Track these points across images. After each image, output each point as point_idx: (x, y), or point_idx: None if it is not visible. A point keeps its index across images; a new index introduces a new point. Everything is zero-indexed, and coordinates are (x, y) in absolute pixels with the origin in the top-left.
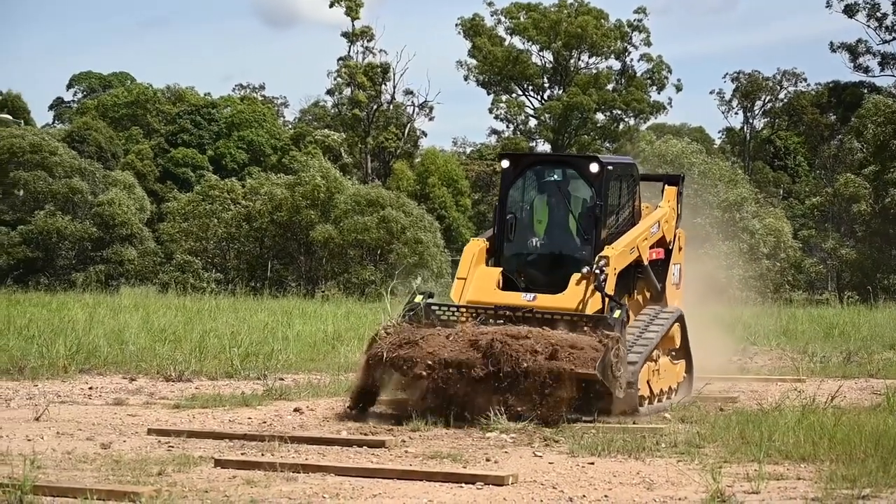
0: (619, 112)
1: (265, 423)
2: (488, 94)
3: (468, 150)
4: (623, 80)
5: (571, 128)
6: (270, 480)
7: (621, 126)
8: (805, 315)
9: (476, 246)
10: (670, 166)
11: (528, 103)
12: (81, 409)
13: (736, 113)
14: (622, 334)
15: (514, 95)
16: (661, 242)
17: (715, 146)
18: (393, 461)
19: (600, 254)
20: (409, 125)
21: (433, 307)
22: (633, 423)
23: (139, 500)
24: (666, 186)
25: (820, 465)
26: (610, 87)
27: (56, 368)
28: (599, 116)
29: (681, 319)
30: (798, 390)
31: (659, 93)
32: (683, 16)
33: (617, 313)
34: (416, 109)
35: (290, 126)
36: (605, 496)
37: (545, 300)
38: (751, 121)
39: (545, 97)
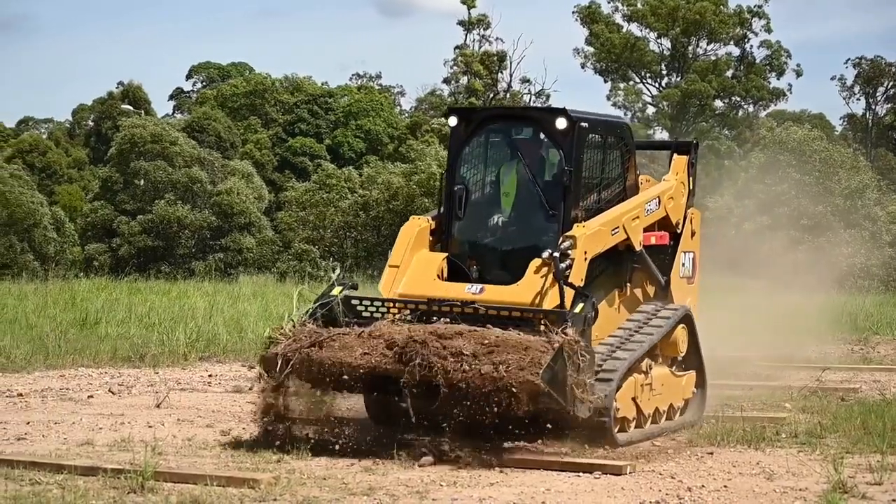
0: (738, 99)
1: None
2: (605, 81)
3: None
4: (742, 67)
5: (690, 115)
6: (388, 468)
7: (740, 113)
8: None
9: (415, 226)
10: (791, 154)
11: (645, 91)
12: (201, 397)
13: (858, 99)
14: (584, 334)
15: (631, 83)
16: (665, 224)
17: (836, 133)
18: (510, 449)
19: (566, 233)
20: None
21: (353, 302)
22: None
23: (258, 487)
24: (675, 155)
25: None
26: (729, 73)
27: (176, 356)
28: (718, 103)
29: (687, 320)
30: None
31: (778, 79)
32: (803, 0)
33: (579, 307)
34: (533, 98)
35: (406, 115)
36: (725, 486)
37: (494, 293)
38: (873, 107)
39: (663, 84)
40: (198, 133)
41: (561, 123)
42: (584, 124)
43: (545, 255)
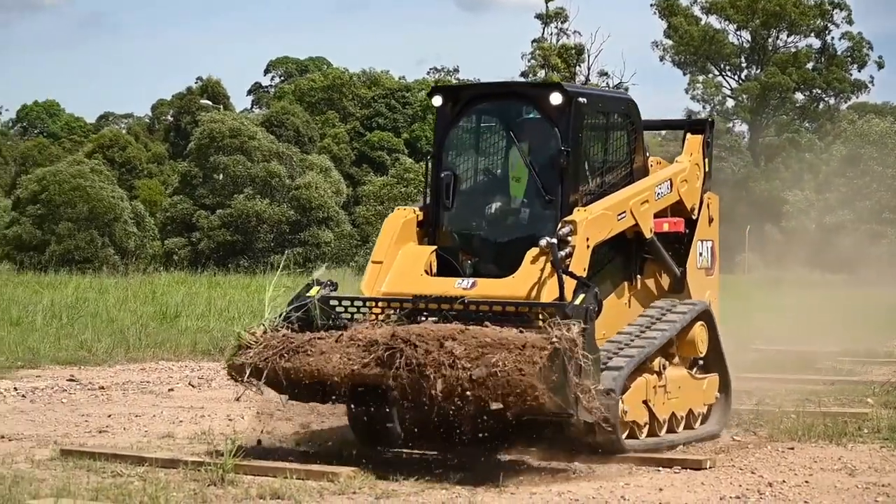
0: (819, 91)
1: None
2: (684, 74)
3: (664, 132)
4: (823, 59)
5: (769, 108)
6: (464, 463)
7: (821, 106)
8: None
9: (399, 218)
10: (873, 147)
11: (724, 84)
12: None
13: None
14: (587, 329)
15: (710, 75)
16: (679, 210)
17: None
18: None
19: (565, 218)
20: None
21: (332, 302)
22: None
23: (337, 480)
24: (688, 135)
25: None
26: (809, 65)
27: None
28: (798, 96)
29: (706, 316)
30: None
31: (860, 71)
32: None
33: (580, 298)
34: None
35: None
36: (806, 482)
37: (487, 287)
38: None
39: (742, 77)
40: (276, 127)
41: (556, 99)
42: (582, 100)
43: (542, 242)
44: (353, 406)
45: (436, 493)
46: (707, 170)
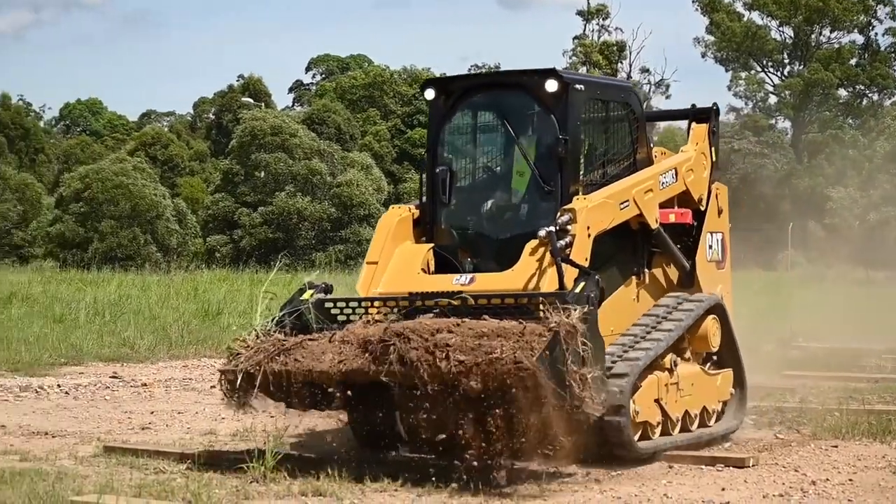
0: (863, 87)
1: None
2: (726, 70)
3: None
4: (866, 55)
5: (812, 105)
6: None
7: (864, 102)
8: None
9: (394, 216)
10: None
11: (767, 80)
12: None
13: None
14: (588, 317)
15: (752, 72)
16: (685, 201)
17: None
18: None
19: (564, 206)
20: (645, 104)
21: (327, 305)
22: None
23: (378, 478)
24: (693, 124)
25: None
26: (853, 61)
27: None
28: (842, 92)
29: (717, 310)
30: None
31: None
32: None
33: (580, 286)
34: (653, 88)
35: None
36: (850, 480)
37: (486, 282)
38: None
39: (785, 73)
40: (317, 125)
41: (551, 86)
42: (579, 86)
43: (541, 232)
44: (352, 410)
45: (477, 494)
46: (714, 159)
